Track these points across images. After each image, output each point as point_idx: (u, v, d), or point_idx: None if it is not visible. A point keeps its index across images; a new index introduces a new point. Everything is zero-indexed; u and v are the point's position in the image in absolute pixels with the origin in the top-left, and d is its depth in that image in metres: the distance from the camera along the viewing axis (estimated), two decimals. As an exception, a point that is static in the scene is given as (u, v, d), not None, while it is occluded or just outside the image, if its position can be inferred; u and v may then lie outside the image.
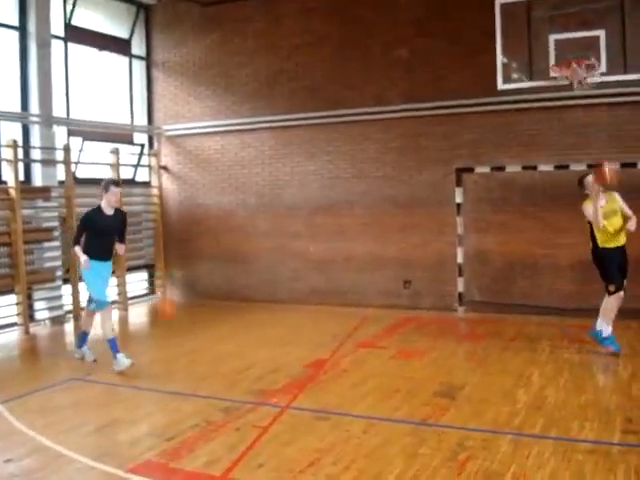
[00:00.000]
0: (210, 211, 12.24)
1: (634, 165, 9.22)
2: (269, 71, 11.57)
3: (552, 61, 8.05)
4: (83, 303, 10.75)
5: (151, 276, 12.76)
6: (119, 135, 11.96)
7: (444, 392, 6.45)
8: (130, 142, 12.27)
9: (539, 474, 4.54)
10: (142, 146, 12.36)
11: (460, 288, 10.30)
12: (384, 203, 10.93)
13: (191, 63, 12.16)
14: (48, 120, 10.26)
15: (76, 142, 10.85)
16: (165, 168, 12.61)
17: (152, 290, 12.78)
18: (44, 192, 10.21)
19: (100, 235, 7.60)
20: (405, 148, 10.76)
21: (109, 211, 7.77)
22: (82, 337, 8.08)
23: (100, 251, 7.62)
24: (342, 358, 7.87)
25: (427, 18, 10.52)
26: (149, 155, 12.59)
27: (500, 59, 8.33)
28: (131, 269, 11.95)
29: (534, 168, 9.76)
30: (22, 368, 8.35)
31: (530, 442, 5.13)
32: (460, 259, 10.23)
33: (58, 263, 10.55)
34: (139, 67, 12.48)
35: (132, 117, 12.35)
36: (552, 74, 7.97)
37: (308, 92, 11.29)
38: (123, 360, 7.41)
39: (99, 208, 7.72)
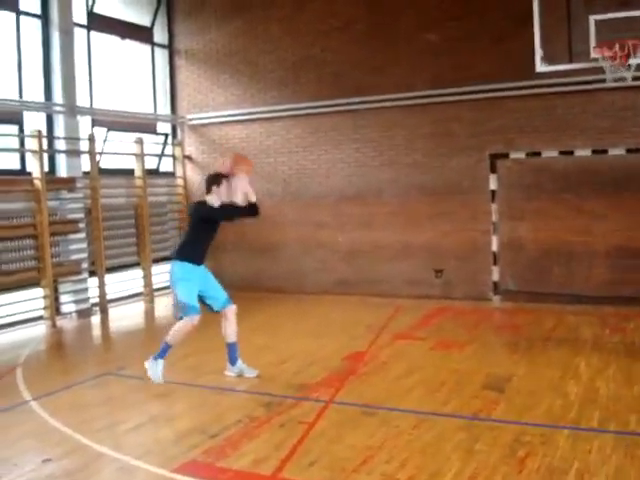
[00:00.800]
0: (235, 201, 12.04)
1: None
2: (294, 58, 11.33)
3: (592, 42, 7.76)
4: (110, 295, 10.67)
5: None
6: (143, 125, 11.79)
7: (492, 385, 6.23)
8: (154, 132, 12.09)
9: (603, 470, 4.33)
10: (166, 136, 12.16)
11: (495, 277, 10.07)
12: (414, 191, 10.70)
13: (214, 51, 11.93)
14: (72, 110, 10.09)
15: (100, 132, 10.68)
16: (189, 158, 12.41)
17: (176, 282, 12.59)
18: (69, 183, 10.05)
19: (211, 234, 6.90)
20: (435, 134, 10.52)
21: None
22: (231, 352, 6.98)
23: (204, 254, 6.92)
24: (380, 350, 7.67)
25: (455, 2, 10.26)
26: (173, 145, 12.40)
27: (538, 40, 8.02)
28: (157, 260, 11.78)
29: (570, 153, 9.51)
30: (51, 363, 8.16)
31: (589, 436, 4.91)
32: (495, 247, 10.00)
33: (84, 255, 10.39)
34: (162, 55, 12.26)
35: (155, 106, 12.14)
36: (594, 55, 7.68)
37: (334, 78, 11.05)
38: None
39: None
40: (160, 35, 12.24)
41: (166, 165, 12.43)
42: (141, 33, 11.86)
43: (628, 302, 9.37)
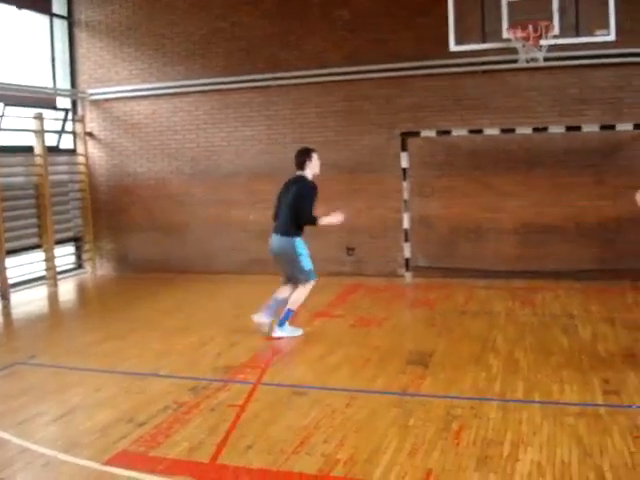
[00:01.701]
0: (141, 179, 11.62)
1: (577, 129, 9.31)
2: (202, 31, 10.95)
3: (505, 23, 7.92)
4: (10, 279, 10.10)
5: (78, 249, 12.07)
6: (42, 100, 11.09)
7: (415, 360, 6.31)
8: (53, 107, 11.45)
9: (536, 440, 4.47)
10: (66, 111, 11.55)
11: (407, 254, 10.20)
12: (326, 168, 10.37)
13: (117, 22, 11.36)
14: (-35, 83, 9.42)
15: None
16: (91, 134, 11.84)
17: (80, 264, 12.10)
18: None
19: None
20: (347, 112, 10.47)
21: None
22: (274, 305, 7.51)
23: None
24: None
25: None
26: (74, 121, 11.79)
27: (452, 20, 8.10)
28: (59, 242, 11.24)
29: (479, 132, 9.72)
30: None
31: (517, 407, 5.06)
32: (406, 224, 10.12)
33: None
34: (61, 27, 11.56)
35: (54, 81, 11.46)
36: (506, 36, 7.84)
37: (245, 53, 10.77)
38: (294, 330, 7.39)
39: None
40: (59, 5, 11.54)
41: (66, 142, 11.83)
42: (39, 3, 11.11)
43: (535, 276, 9.73)
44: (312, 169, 7.52)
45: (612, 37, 7.75)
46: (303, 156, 7.48)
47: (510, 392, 5.41)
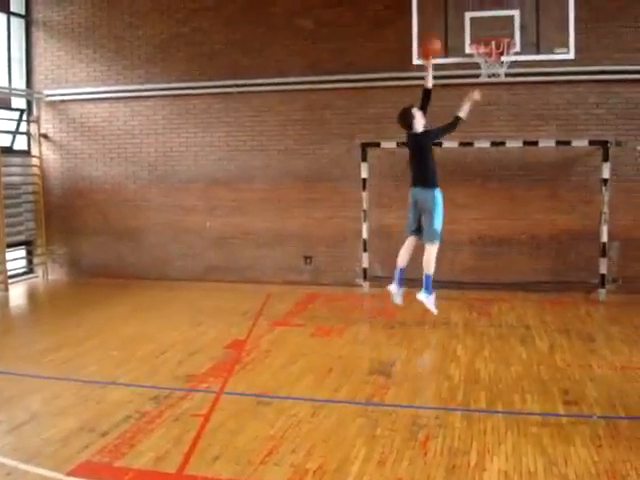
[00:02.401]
0: (97, 183, 11.39)
1: (534, 144, 9.52)
2: (164, 35, 10.81)
3: (467, 38, 8.06)
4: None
5: (29, 253, 11.77)
6: (-6, 99, 10.84)
7: (378, 370, 6.34)
8: (8, 107, 11.15)
9: (502, 449, 4.54)
10: (21, 112, 11.27)
11: (365, 264, 10.25)
12: (285, 177, 10.64)
13: (76, 23, 11.13)
14: None
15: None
16: (46, 136, 11.57)
17: (31, 269, 11.80)
18: None
19: None
20: (308, 121, 10.48)
21: None
22: (400, 274, 8.13)
23: None
24: (261, 338, 7.57)
25: (331, -12, 10.25)
26: (28, 122, 11.52)
27: (416, 34, 8.21)
28: (10, 245, 10.94)
29: (439, 145, 9.82)
30: None
31: (481, 417, 5.13)
32: (365, 234, 10.17)
33: None
34: (18, 25, 11.28)
35: (10, 80, 11.18)
36: (469, 51, 7.98)
37: (206, 59, 10.68)
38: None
39: None
40: (17, 4, 11.25)
41: (20, 143, 11.54)
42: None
43: (490, 287, 9.89)
44: (419, 122, 7.90)
45: (571, 55, 7.97)
46: (408, 118, 7.88)
47: (473, 402, 5.48)
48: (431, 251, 7.98)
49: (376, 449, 4.58)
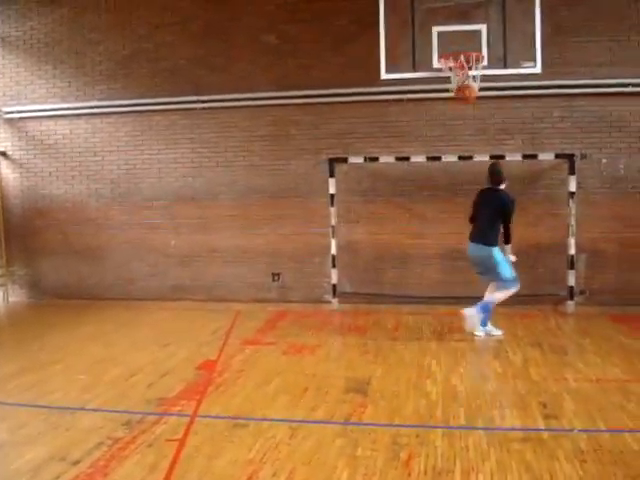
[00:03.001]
0: (57, 202, 11.09)
1: (501, 157, 9.56)
2: (125, 51, 10.63)
3: (435, 52, 8.07)
4: None
5: (-13, 274, 11.41)
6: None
7: (354, 388, 6.23)
8: (-36, 124, 10.86)
9: (486, 467, 4.47)
10: (-21, 129, 10.98)
11: (334, 280, 10.16)
12: (251, 193, 10.51)
13: (36, 39, 10.87)
14: None
15: None
16: (4, 154, 11.24)
17: (-14, 291, 11.43)
18: None
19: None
20: (273, 136, 10.38)
21: None
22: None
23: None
24: (232, 358, 7.40)
25: (296, 3, 10.16)
26: (-14, 139, 11.19)
27: (383, 48, 8.19)
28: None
29: (406, 159, 9.84)
30: None
31: (462, 434, 5.06)
32: (334, 250, 10.09)
33: None
34: (-25, 40, 11.01)
35: (-34, 97, 10.88)
36: (437, 65, 7.98)
37: (169, 75, 10.52)
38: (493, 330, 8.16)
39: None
40: (-26, 19, 10.96)
41: (-22, 162, 11.20)
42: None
43: (459, 301, 9.84)
44: (505, 184, 8.17)
45: (538, 69, 8.03)
46: (500, 176, 8.14)
47: (453, 419, 5.41)
48: (506, 292, 8.14)
49: (358, 470, 4.47)
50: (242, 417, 5.54)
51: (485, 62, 7.95)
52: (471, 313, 8.02)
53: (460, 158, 9.67)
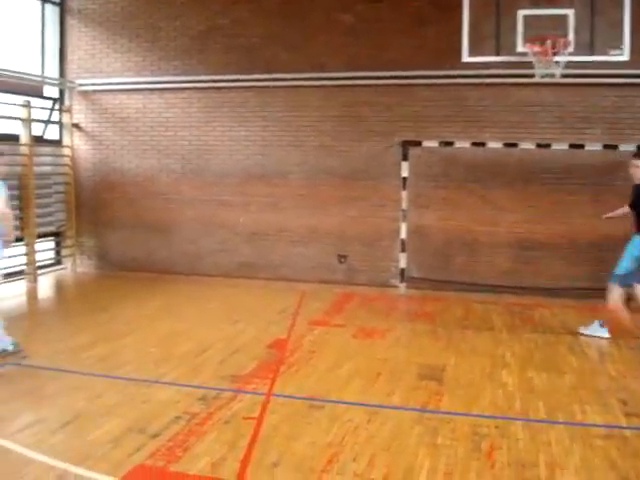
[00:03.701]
0: (128, 176, 11.23)
1: (581, 147, 9.29)
2: (201, 26, 10.64)
3: (520, 37, 7.84)
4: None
5: (57, 244, 11.62)
6: (29, 87, 10.61)
7: (428, 375, 6.15)
8: (40, 95, 11.00)
9: (570, 462, 4.37)
10: (54, 101, 11.12)
11: (403, 264, 10.06)
12: (321, 174, 10.45)
13: (112, 12, 10.97)
14: (-47, 65, 8.94)
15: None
16: (77, 126, 11.42)
17: (58, 260, 11.65)
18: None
19: None
20: (345, 117, 10.29)
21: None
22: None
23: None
24: (302, 338, 7.40)
25: (375, -17, 10.03)
26: (60, 111, 11.36)
27: (466, 30, 7.99)
28: (41, 236, 10.79)
29: (482, 145, 9.64)
30: None
31: (543, 428, 4.94)
32: (404, 234, 9.98)
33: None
34: (52, 13, 11.11)
35: (43, 68, 11.03)
36: (522, 50, 7.75)
37: (244, 52, 10.50)
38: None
39: None
40: (52, -10, 11.10)
41: (52, 133, 11.38)
42: (31, -14, 10.65)
43: (527, 292, 9.68)
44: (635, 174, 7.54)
45: (626, 57, 7.74)
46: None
47: (532, 412, 5.28)
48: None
49: (440, 459, 4.40)
50: (317, 398, 5.51)
51: (572, 48, 7.70)
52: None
53: (539, 146, 9.43)
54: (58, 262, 11.64)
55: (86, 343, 7.14)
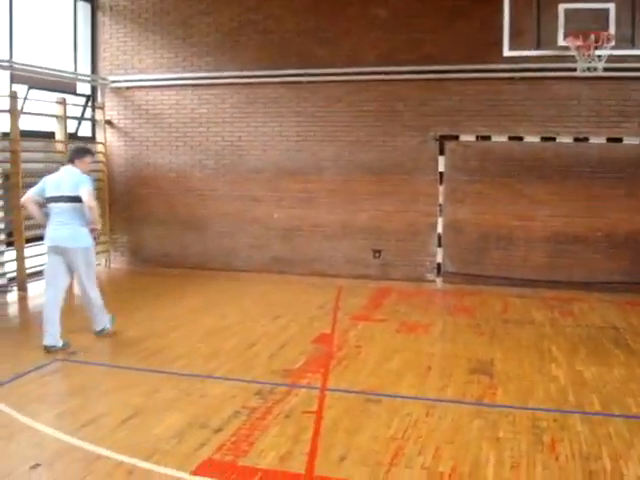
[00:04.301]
0: (161, 171, 11.28)
1: (618, 141, 9.26)
2: (233, 22, 10.66)
3: (561, 31, 7.82)
4: (30, 269, 9.72)
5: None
6: (63, 84, 10.68)
7: (478, 369, 6.15)
8: (73, 92, 11.07)
9: (634, 454, 4.35)
10: (88, 97, 11.19)
11: (439, 259, 10.07)
12: (355, 169, 10.46)
13: (144, 9, 11.01)
14: (-7, 63, 8.99)
15: (20, 90, 9.57)
16: (110, 123, 11.49)
17: (93, 256, 11.68)
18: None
19: None
20: (380, 112, 10.29)
21: None
22: None
23: None
24: (346, 333, 7.43)
25: (410, -23, 10.01)
26: (93, 108, 11.42)
27: (507, 24, 7.97)
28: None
29: (519, 139, 9.62)
30: None
31: (600, 421, 4.93)
32: (440, 229, 9.99)
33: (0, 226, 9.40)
34: (84, 9, 11.16)
35: (75, 65, 11.08)
36: (564, 43, 7.72)
37: (277, 47, 10.52)
38: None
39: None
40: (82, -13, 11.15)
41: (84, 130, 11.43)
42: (62, -17, 10.69)
43: (563, 286, 9.68)
44: None
45: (665, 51, 7.71)
46: None
47: (588, 405, 5.28)
48: None
49: (504, 452, 4.40)
50: (373, 393, 5.53)
51: (613, 42, 7.67)
52: None
53: (576, 140, 9.40)
54: (92, 258, 11.67)
55: (132, 339, 7.19)
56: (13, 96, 9.14)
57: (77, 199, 6.59)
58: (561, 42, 7.82)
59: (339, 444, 4.54)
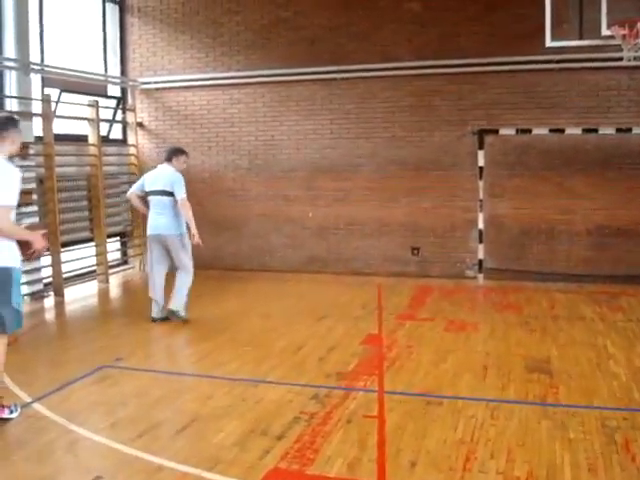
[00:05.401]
0: (194, 172, 11.06)
1: (660, 130, 9.07)
2: (264, 20, 10.55)
3: (604, 20, 7.62)
4: (65, 274, 9.67)
5: (124, 245, 11.62)
6: (94, 87, 10.64)
7: (536, 367, 5.98)
8: (104, 95, 11.00)
9: None
10: (119, 99, 11.12)
11: (481, 255, 9.90)
12: (391, 165, 10.31)
13: (172, 9, 10.92)
14: (26, 67, 8.89)
15: (52, 93, 9.50)
16: (141, 125, 11.41)
17: (125, 260, 11.66)
18: (22, 149, 8.87)
19: None
20: (415, 107, 10.13)
21: None
22: None
23: None
24: (394, 333, 7.27)
25: (442, -30, 9.84)
26: (124, 110, 11.36)
27: (549, 14, 7.78)
28: (110, 235, 10.80)
29: (561, 131, 9.43)
30: (26, 354, 6.67)
31: (673, 420, 4.78)
32: (481, 225, 9.82)
33: (37, 231, 9.32)
34: (113, 11, 11.10)
35: (105, 67, 11.02)
36: (609, 33, 7.52)
37: (308, 44, 10.38)
38: None
39: None
40: (111, -11, 11.08)
41: (116, 132, 11.38)
42: (91, -14, 10.62)
43: (607, 280, 9.48)
44: None
45: None
46: None
47: (656, 403, 5.14)
48: None
49: (579, 454, 4.24)
50: (432, 394, 5.39)
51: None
52: None
53: (618, 131, 9.19)
54: (124, 262, 11.65)
55: (177, 344, 7.11)
56: (46, 100, 9.07)
57: (170, 193, 7.76)
58: (605, 31, 7.60)
59: (407, 449, 4.40)
